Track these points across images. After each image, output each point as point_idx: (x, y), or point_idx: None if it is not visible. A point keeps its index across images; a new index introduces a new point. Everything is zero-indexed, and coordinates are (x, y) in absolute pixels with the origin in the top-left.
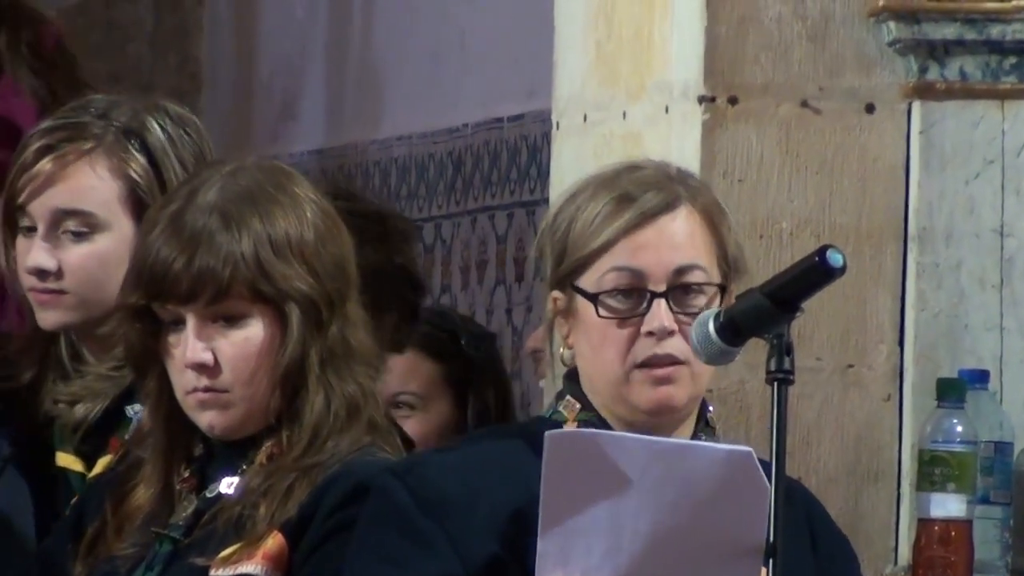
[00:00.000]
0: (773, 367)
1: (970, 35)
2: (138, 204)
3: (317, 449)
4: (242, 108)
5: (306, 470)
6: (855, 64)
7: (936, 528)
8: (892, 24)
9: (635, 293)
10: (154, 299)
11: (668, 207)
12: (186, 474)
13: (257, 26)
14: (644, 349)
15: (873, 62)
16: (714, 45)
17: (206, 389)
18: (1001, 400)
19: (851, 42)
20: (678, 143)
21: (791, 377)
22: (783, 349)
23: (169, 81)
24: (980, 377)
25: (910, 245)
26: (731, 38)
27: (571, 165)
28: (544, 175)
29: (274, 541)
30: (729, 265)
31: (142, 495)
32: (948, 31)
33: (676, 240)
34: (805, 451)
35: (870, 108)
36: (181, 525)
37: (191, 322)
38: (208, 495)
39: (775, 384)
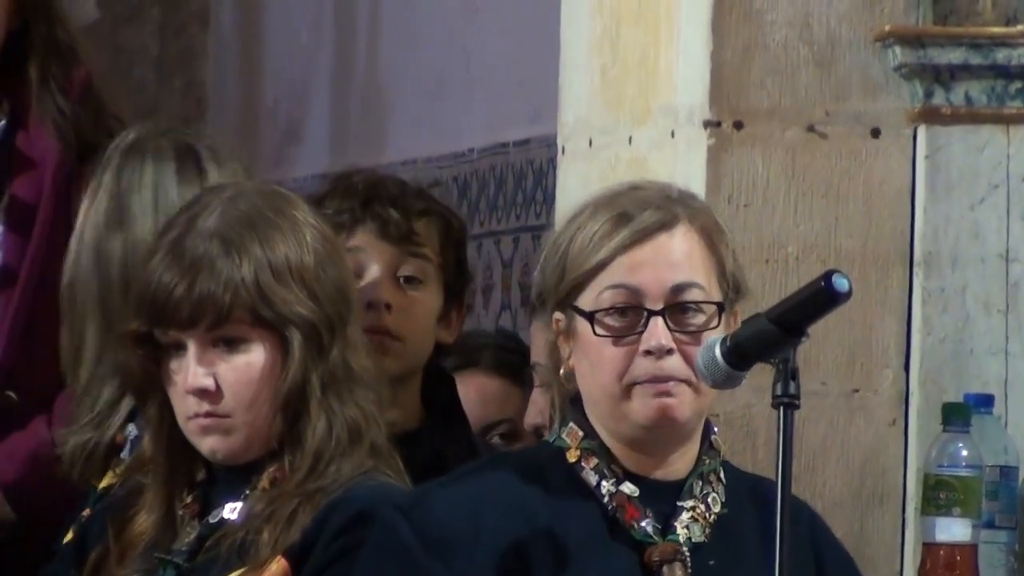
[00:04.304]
0: (779, 392)
1: (975, 60)
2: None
3: (319, 474)
4: (247, 132)
5: (309, 495)
6: (861, 89)
7: (941, 552)
8: (898, 49)
9: (632, 311)
10: (155, 325)
11: (665, 225)
12: (188, 499)
13: (262, 51)
14: (642, 368)
15: (879, 87)
16: (720, 69)
17: (207, 414)
18: (1006, 424)
19: (857, 67)
20: (683, 167)
21: (797, 402)
22: (789, 374)
23: (174, 105)
24: (985, 401)
25: (916, 270)
26: (737, 63)
27: (577, 189)
28: (550, 200)
29: (278, 566)
30: (729, 283)
31: (144, 521)
32: (953, 56)
33: (673, 258)
34: (811, 475)
35: (876, 133)
36: (184, 550)
37: (192, 348)
38: (211, 520)
39: (781, 409)
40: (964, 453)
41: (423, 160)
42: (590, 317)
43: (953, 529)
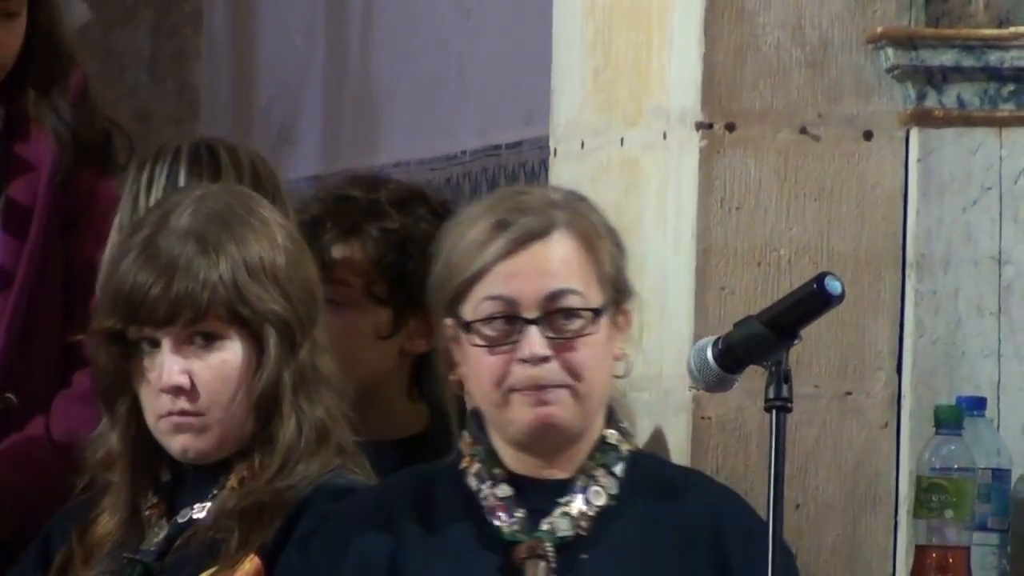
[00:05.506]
0: (771, 395)
1: (968, 62)
2: None
3: (288, 473)
4: (240, 134)
5: (278, 493)
6: (853, 91)
7: (934, 555)
8: (890, 51)
9: (509, 320)
10: (131, 323)
11: (541, 233)
12: (154, 500)
13: (255, 53)
14: (519, 375)
15: (871, 89)
16: (712, 71)
17: (182, 412)
18: (999, 427)
19: (849, 68)
20: (675, 169)
21: (789, 405)
22: (781, 376)
23: (167, 108)
24: (978, 404)
25: (908, 272)
26: (729, 64)
27: None
28: None
29: (251, 564)
30: (610, 287)
31: (107, 522)
32: (946, 58)
33: (548, 266)
34: (803, 478)
35: (868, 135)
36: (153, 550)
37: (167, 345)
38: (179, 520)
39: (773, 412)
40: (957, 456)
41: (416, 162)
42: (467, 327)
43: (946, 532)
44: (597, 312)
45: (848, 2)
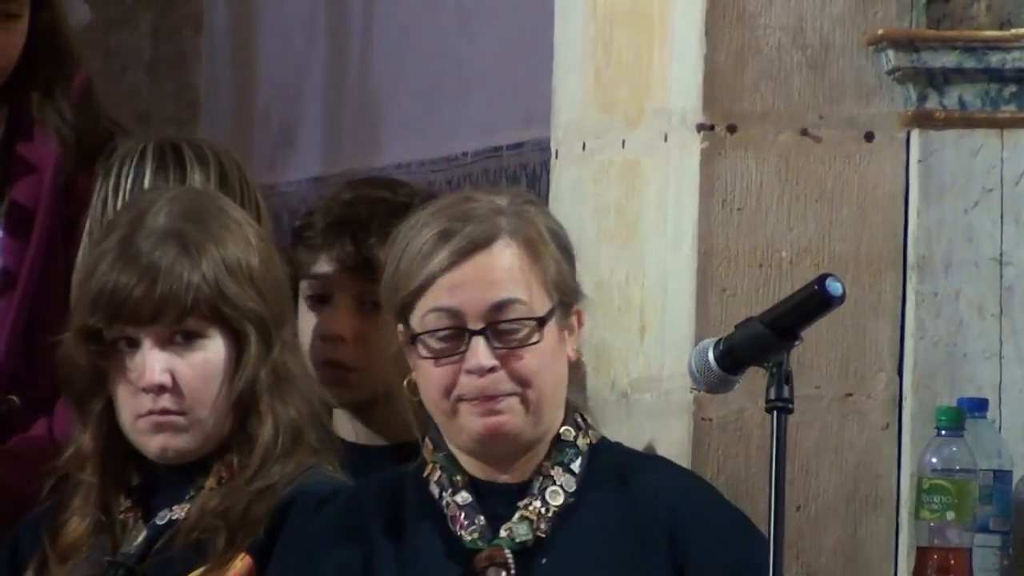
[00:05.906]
0: (772, 396)
1: (969, 63)
2: None
3: (265, 473)
4: (240, 136)
5: (259, 492)
6: (854, 92)
7: (935, 556)
8: (891, 52)
9: (455, 331)
10: (113, 323)
11: (485, 243)
12: (127, 503)
13: (255, 55)
14: (467, 385)
15: (872, 91)
16: (713, 73)
17: (163, 411)
18: (1000, 428)
19: (850, 70)
20: (676, 171)
21: (790, 406)
22: (782, 378)
23: (167, 109)
24: (979, 405)
25: (909, 273)
26: (730, 66)
27: (570, 193)
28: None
29: (243, 563)
30: (555, 291)
31: (79, 524)
32: (947, 59)
33: (492, 276)
34: (804, 479)
35: (869, 136)
36: (133, 553)
37: (148, 344)
38: (159, 522)
39: (774, 413)
40: (958, 457)
41: (416, 164)
42: (414, 339)
43: (947, 533)
44: (542, 320)
45: (849, 4)
